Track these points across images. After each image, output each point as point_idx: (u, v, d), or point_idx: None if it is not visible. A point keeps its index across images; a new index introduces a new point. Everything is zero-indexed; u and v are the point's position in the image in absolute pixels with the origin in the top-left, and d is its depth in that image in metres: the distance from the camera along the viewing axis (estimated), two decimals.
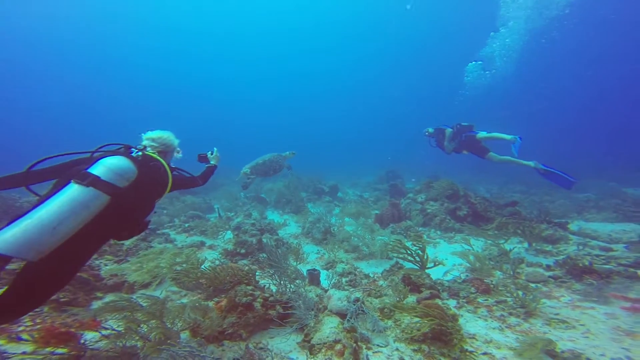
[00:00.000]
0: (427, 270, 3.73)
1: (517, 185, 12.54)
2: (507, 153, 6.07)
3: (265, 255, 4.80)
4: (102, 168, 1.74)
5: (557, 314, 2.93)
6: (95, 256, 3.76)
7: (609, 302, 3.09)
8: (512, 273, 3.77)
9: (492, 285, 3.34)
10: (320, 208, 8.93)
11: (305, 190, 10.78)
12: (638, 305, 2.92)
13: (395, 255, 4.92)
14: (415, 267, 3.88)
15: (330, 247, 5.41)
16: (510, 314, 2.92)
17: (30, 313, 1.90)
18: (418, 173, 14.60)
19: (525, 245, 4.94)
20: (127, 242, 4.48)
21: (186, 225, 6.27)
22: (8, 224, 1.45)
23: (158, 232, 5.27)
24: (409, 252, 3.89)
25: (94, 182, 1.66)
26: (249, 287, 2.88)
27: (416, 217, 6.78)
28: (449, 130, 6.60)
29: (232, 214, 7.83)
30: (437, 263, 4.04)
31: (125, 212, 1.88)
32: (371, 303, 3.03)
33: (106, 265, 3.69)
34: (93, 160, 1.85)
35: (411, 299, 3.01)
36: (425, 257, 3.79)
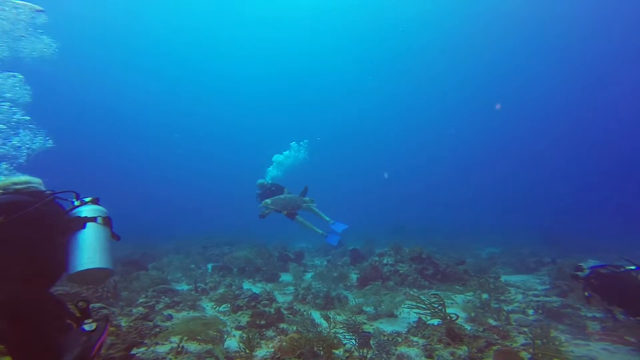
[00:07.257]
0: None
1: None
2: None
3: (285, 325, 4.53)
4: (103, 212, 2.31)
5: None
6: None
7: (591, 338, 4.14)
8: (504, 319, 4.68)
9: (504, 332, 4.09)
10: (291, 275, 8.73)
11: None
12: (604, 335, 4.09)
13: (404, 310, 5.37)
14: (436, 320, 4.36)
15: (337, 311, 5.48)
16: None
17: None
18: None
19: (485, 296, 6.05)
20: (125, 323, 3.61)
21: (162, 300, 5.30)
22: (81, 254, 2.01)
23: (157, 308, 4.32)
24: (431, 307, 4.40)
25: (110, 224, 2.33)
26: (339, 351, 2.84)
27: (394, 277, 7.45)
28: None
29: (203, 285, 6.94)
30: None
31: None
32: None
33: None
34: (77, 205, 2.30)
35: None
36: (445, 311, 4.35)
